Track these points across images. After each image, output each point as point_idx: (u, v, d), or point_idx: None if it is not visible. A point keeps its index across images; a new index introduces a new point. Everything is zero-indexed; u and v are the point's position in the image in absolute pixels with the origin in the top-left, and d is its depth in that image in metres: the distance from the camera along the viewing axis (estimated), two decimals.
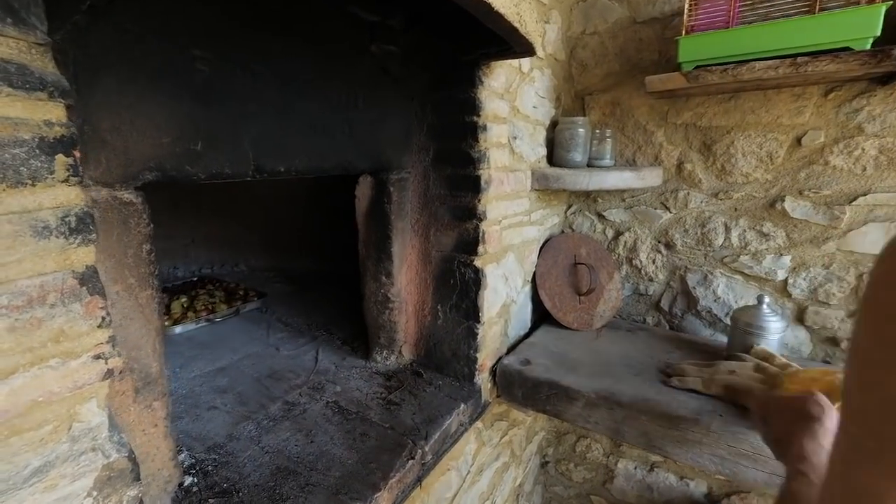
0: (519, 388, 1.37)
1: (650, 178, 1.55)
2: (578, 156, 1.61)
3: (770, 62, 1.18)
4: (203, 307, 1.75)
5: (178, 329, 1.60)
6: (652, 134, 1.65)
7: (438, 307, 1.34)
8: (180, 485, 0.88)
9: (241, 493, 0.88)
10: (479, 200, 1.22)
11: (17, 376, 0.43)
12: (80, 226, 0.47)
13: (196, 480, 0.90)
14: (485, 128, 1.20)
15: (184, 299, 1.80)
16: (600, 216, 1.84)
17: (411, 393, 1.26)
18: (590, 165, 1.64)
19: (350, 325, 1.69)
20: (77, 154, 0.48)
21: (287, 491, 0.89)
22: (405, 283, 1.36)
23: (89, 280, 0.48)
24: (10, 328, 0.42)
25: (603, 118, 1.77)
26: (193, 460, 0.95)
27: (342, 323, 1.72)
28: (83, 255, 0.47)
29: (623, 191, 1.76)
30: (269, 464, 0.96)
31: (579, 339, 1.61)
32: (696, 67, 1.30)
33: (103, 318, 0.50)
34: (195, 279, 2.20)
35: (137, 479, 0.55)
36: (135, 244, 0.70)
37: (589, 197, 1.84)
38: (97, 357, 0.49)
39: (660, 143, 1.64)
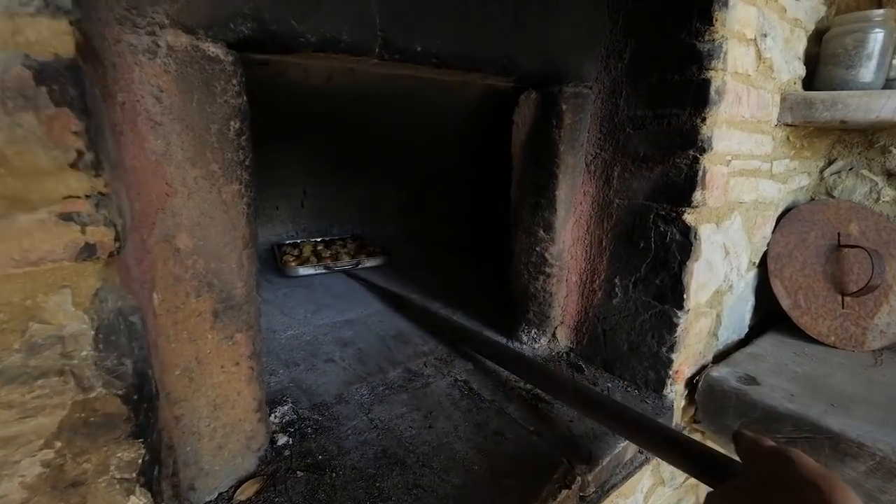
0: (736, 416, 0.90)
1: None
2: (867, 73, 1.01)
3: None
4: (329, 255, 1.77)
5: (301, 270, 1.61)
6: None
7: (616, 280, 0.95)
8: (272, 443, 0.72)
9: (334, 474, 0.67)
10: (704, 119, 0.79)
11: None
12: None
13: (291, 442, 0.73)
14: (724, 4, 0.76)
15: (320, 246, 1.87)
16: (892, 176, 1.16)
17: None
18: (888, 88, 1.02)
19: (491, 295, 1.42)
20: None
21: (389, 487, 0.65)
22: (569, 243, 1.01)
23: (56, 80, 0.29)
24: None
25: None
26: (295, 416, 0.80)
27: (482, 292, 1.46)
28: (47, 34, 0.28)
29: None
30: (374, 443, 0.74)
31: (840, 361, 1.03)
32: None
33: (80, 154, 0.30)
34: (347, 237, 2.24)
35: (139, 436, 0.35)
36: (220, 118, 0.52)
37: (873, 146, 1.18)
38: (66, 217, 0.30)
39: None
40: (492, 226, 2.20)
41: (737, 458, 0.51)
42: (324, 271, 1.65)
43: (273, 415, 0.79)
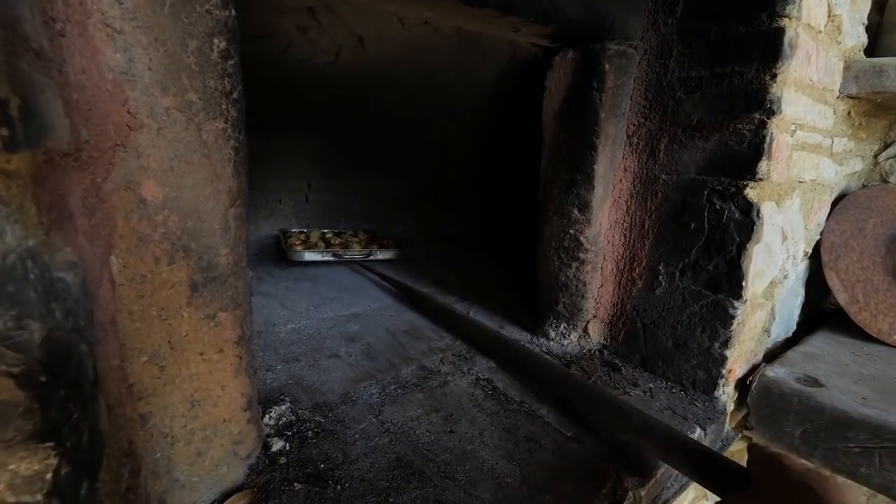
0: (797, 422, 0.79)
1: None
2: None
3: None
4: (339, 243, 1.64)
5: (306, 255, 1.46)
6: None
7: (660, 267, 0.84)
8: (266, 448, 0.60)
9: (339, 486, 0.56)
10: (774, 77, 0.68)
11: None
12: None
13: (288, 447, 0.62)
14: None
15: (329, 234, 1.77)
16: None
17: None
18: None
19: (511, 289, 1.31)
20: None
21: (406, 503, 0.54)
22: (606, 226, 0.89)
23: None
24: None
25: None
26: (294, 417, 0.68)
27: (502, 286, 1.34)
28: None
29: None
30: (386, 449, 0.63)
31: None
32: None
33: None
34: (357, 230, 2.13)
35: (49, 437, 0.24)
36: (200, 33, 0.41)
37: None
38: None
39: None
40: (507, 219, 2.09)
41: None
42: (332, 258, 1.50)
43: (267, 416, 0.67)
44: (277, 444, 0.61)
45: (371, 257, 1.56)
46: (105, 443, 0.31)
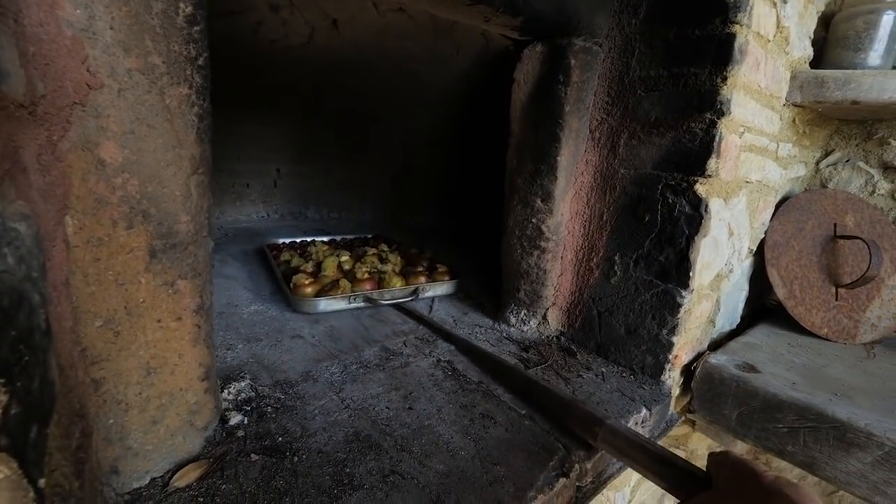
0: (735, 404, 0.85)
1: None
2: (876, 57, 0.99)
3: None
4: (366, 275, 1.16)
5: (321, 304, 1.00)
6: None
7: (616, 257, 0.88)
8: (224, 422, 0.60)
9: (296, 458, 0.57)
10: (725, 79, 0.72)
11: None
12: None
13: (247, 421, 0.62)
14: None
15: (345, 257, 1.27)
16: (888, 169, 1.14)
17: (560, 375, 0.84)
18: None
19: (477, 278, 1.33)
20: None
21: (361, 473, 0.55)
22: (567, 217, 0.93)
23: None
24: None
25: None
26: (253, 393, 0.68)
27: (467, 275, 1.37)
28: None
29: None
30: (345, 424, 0.64)
31: (835, 352, 1.00)
32: None
33: None
34: (368, 237, 1.76)
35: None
36: None
37: (871, 137, 1.16)
38: None
39: None
40: (477, 211, 2.12)
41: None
42: (363, 305, 1.05)
43: (227, 391, 0.67)
44: (236, 418, 0.62)
45: (420, 297, 1.13)
46: (56, 394, 0.31)
